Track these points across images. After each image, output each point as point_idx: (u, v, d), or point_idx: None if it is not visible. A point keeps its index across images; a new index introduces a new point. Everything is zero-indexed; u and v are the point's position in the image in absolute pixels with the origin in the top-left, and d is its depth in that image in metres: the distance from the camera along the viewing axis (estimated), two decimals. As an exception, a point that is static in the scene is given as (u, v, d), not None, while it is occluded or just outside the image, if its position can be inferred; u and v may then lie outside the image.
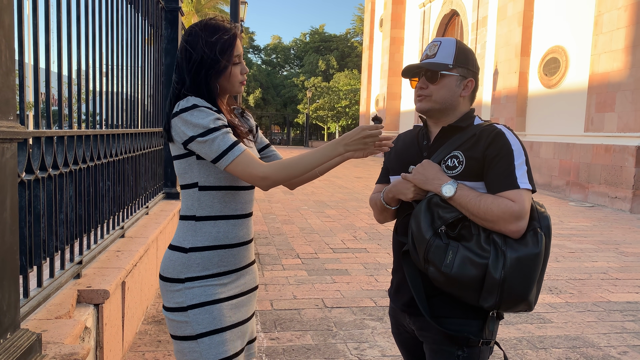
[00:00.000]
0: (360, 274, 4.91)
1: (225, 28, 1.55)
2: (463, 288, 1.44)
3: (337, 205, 9.38)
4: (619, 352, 3.28)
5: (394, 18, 25.89)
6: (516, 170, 1.46)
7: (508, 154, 1.47)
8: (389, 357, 3.10)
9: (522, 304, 1.43)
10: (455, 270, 1.42)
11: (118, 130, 3.31)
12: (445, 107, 1.59)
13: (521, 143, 1.52)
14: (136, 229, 3.75)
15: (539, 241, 1.41)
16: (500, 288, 1.39)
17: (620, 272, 5.29)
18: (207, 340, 1.54)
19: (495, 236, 1.44)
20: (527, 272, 1.40)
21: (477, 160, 1.51)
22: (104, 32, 3.04)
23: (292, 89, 49.95)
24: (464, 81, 1.59)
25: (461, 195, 1.47)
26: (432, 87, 1.58)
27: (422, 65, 1.60)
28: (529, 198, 1.46)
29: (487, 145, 1.50)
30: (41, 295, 2.10)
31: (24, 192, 1.92)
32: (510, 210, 1.42)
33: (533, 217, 1.46)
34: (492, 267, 1.39)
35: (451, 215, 1.49)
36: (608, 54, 10.39)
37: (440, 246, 1.46)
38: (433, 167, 1.55)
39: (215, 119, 1.48)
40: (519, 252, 1.40)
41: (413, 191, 1.57)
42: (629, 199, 9.68)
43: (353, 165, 19.17)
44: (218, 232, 1.57)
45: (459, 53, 1.58)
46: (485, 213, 1.44)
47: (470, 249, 1.44)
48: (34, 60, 2.06)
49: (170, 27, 5.03)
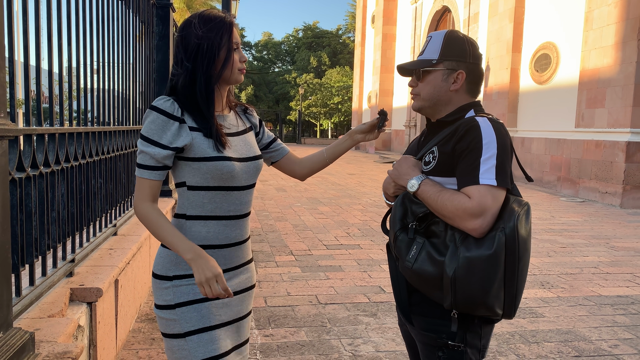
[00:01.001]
0: (353, 270, 4.92)
1: (220, 16, 1.54)
2: (426, 285, 1.41)
3: (330, 202, 9.38)
4: (610, 345, 3.32)
5: (386, 14, 25.90)
6: (481, 165, 1.38)
7: (476, 148, 1.39)
8: (383, 353, 3.11)
9: (480, 307, 1.35)
10: (416, 266, 1.40)
11: (110, 127, 3.29)
12: (435, 103, 1.55)
13: (498, 135, 1.42)
14: (129, 227, 3.73)
15: (494, 242, 1.31)
16: (454, 287, 1.33)
17: (610, 266, 5.34)
18: (196, 339, 1.53)
19: (457, 234, 1.39)
20: (481, 274, 1.31)
21: (448, 155, 1.46)
22: (95, 29, 3.01)
23: (284, 85, 49.87)
24: (452, 74, 1.52)
25: (424, 191, 1.45)
26: (420, 85, 1.56)
27: (405, 66, 1.58)
28: (494, 194, 1.36)
29: (458, 139, 1.44)
30: (33, 293, 2.08)
31: (15, 190, 1.91)
32: (463, 206, 1.35)
33: (501, 216, 1.36)
34: (447, 265, 1.35)
35: (421, 210, 1.46)
36: (598, 50, 10.46)
37: (405, 240, 1.44)
38: (408, 162, 1.55)
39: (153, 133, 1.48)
40: (471, 252, 1.33)
41: (393, 186, 1.59)
42: (619, 194, 9.77)
43: (345, 162, 19.18)
44: (208, 232, 1.55)
45: (447, 45, 1.52)
46: (442, 209, 1.40)
47: (434, 245, 1.41)
48: (24, 57, 2.05)
49: (162, 23, 5.00)
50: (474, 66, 1.54)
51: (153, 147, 1.47)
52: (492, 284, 1.32)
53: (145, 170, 1.49)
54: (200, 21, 1.52)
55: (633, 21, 9.55)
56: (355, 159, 21.26)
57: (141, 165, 1.49)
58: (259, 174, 1.69)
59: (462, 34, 1.56)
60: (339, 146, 1.84)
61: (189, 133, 1.50)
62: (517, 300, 1.38)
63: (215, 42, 1.51)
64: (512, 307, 1.37)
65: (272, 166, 1.88)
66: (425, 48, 1.56)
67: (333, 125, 47.09)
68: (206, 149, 1.50)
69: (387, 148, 26.47)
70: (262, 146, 1.80)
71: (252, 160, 1.62)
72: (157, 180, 1.51)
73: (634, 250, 6.11)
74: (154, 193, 1.51)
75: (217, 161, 1.51)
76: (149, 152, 1.47)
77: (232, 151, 1.56)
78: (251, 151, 1.64)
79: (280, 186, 11.49)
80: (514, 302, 1.37)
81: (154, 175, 1.50)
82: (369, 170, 16.67)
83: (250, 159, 1.62)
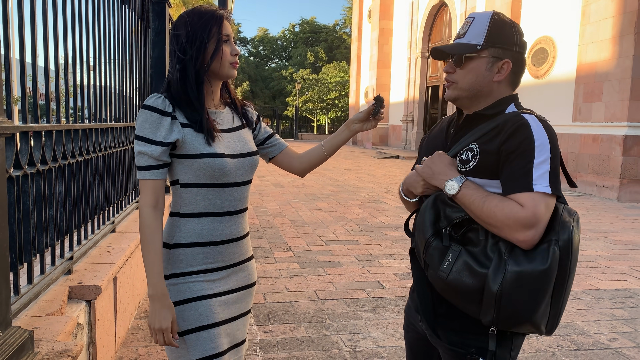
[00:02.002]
0: (352, 266, 4.92)
1: (211, 10, 1.54)
2: (461, 298, 1.27)
3: (328, 198, 9.38)
4: (608, 338, 3.33)
5: (383, 9, 25.83)
6: (534, 169, 1.24)
7: (528, 150, 1.25)
8: (382, 348, 3.12)
9: (525, 324, 1.24)
10: (452, 277, 1.26)
11: (107, 124, 3.28)
12: (475, 94, 1.39)
13: (550, 137, 1.28)
14: (127, 224, 3.72)
15: (549, 256, 1.19)
16: (498, 303, 1.21)
17: (608, 260, 5.36)
18: (194, 337, 1.52)
19: (502, 244, 1.25)
20: (530, 291, 1.19)
21: (492, 155, 1.30)
22: (91, 25, 2.99)
23: (280, 81, 49.76)
24: (497, 63, 1.36)
25: (465, 194, 1.30)
26: (459, 72, 1.39)
27: (443, 49, 1.40)
28: (547, 203, 1.23)
29: (505, 138, 1.28)
30: (32, 292, 2.07)
31: (12, 188, 1.89)
32: (516, 216, 1.22)
33: (552, 226, 1.23)
34: (491, 279, 1.21)
35: (458, 215, 1.31)
36: (595, 44, 10.46)
37: (439, 248, 1.30)
38: (442, 160, 1.38)
39: (149, 131, 1.47)
40: (522, 267, 1.20)
41: (422, 185, 1.43)
42: (616, 187, 9.79)
43: (343, 158, 19.18)
44: (202, 229, 1.54)
45: (493, 30, 1.35)
46: (488, 217, 1.25)
47: (473, 255, 1.27)
48: (20, 54, 2.03)
49: (158, 19, 4.96)
50: (519, 55, 1.39)
51: (149, 146, 1.46)
52: (542, 300, 1.21)
53: (147, 172, 1.48)
54: (192, 15, 1.53)
55: (630, 15, 9.54)
56: (353, 155, 21.25)
57: (141, 167, 1.48)
58: (256, 170, 1.67)
59: (509, 19, 1.40)
60: (337, 138, 1.79)
61: (181, 129, 1.50)
62: (560, 316, 1.28)
63: (204, 33, 1.50)
64: (555, 323, 1.28)
65: (271, 162, 1.85)
66: (467, 30, 1.38)
67: (330, 121, 47.03)
68: (197, 146, 1.50)
69: (384, 143, 26.46)
70: (258, 142, 1.77)
71: (246, 156, 1.61)
72: (160, 180, 1.50)
73: (631, 244, 6.13)
74: (157, 195, 1.50)
75: (208, 158, 1.50)
76: (146, 151, 1.47)
77: (225, 147, 1.55)
78: (246, 147, 1.63)
79: (277, 182, 11.48)
80: (558, 318, 1.27)
81: (155, 174, 1.49)
82: (367, 165, 16.67)
83: (244, 155, 1.60)
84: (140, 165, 1.48)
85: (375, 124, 1.76)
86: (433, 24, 21.14)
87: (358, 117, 1.77)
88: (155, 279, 1.46)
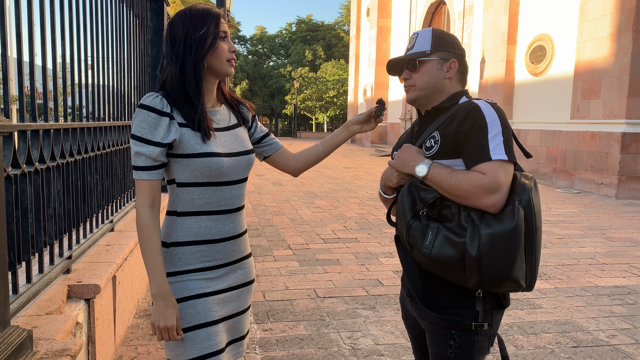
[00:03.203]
0: (351, 264, 4.92)
1: (208, 8, 1.53)
2: (447, 269, 1.42)
3: (327, 196, 9.38)
4: (607, 335, 3.34)
5: (381, 7, 25.83)
6: (490, 142, 1.41)
7: (481, 127, 1.43)
8: (382, 346, 3.12)
9: (506, 281, 1.37)
10: (435, 251, 1.41)
11: (105, 122, 3.27)
12: (431, 92, 1.59)
13: (499, 114, 1.46)
14: (126, 223, 3.71)
15: (515, 215, 1.34)
16: (479, 266, 1.35)
17: (607, 257, 5.37)
18: (192, 335, 1.52)
19: (473, 213, 1.40)
20: (505, 248, 1.34)
21: (451, 137, 1.48)
22: (89, 24, 2.98)
23: (279, 79, 49.72)
24: (445, 63, 1.58)
25: (434, 174, 1.46)
26: (415, 76, 1.60)
27: (399, 60, 1.63)
28: (505, 169, 1.39)
29: (461, 120, 1.47)
30: (31, 291, 2.07)
31: (10, 186, 1.89)
32: (480, 183, 1.37)
33: (514, 190, 1.39)
34: (469, 246, 1.36)
35: (430, 195, 1.47)
36: (593, 41, 10.47)
37: (419, 227, 1.45)
38: (410, 150, 1.56)
39: (146, 132, 1.46)
40: (493, 228, 1.35)
41: (397, 176, 1.59)
42: (614, 185, 9.81)
43: (341, 156, 19.17)
44: (199, 228, 1.54)
45: (436, 38, 1.59)
46: (456, 189, 1.41)
47: (450, 228, 1.41)
48: (18, 53, 2.02)
49: (156, 17, 4.96)
50: (461, 57, 1.62)
51: (147, 146, 1.45)
52: (516, 256, 1.35)
53: (144, 172, 1.47)
54: (189, 12, 1.52)
55: (628, 12, 9.55)
56: (351, 153, 21.25)
57: (138, 167, 1.47)
58: (252, 168, 1.67)
59: (445, 31, 1.66)
60: (335, 138, 1.81)
61: (178, 129, 1.49)
62: (536, 271, 1.42)
63: (202, 29, 1.49)
64: (533, 277, 1.41)
65: (265, 161, 1.85)
66: (415, 44, 1.62)
67: (329, 119, 47.03)
68: (194, 145, 1.49)
69: (382, 141, 26.47)
70: (254, 140, 1.77)
71: (242, 154, 1.60)
72: (157, 180, 1.50)
73: (630, 241, 6.14)
74: (154, 195, 1.49)
75: (205, 157, 1.49)
76: (144, 152, 1.45)
77: (221, 146, 1.55)
78: (242, 146, 1.62)
79: (276, 180, 11.47)
80: (534, 272, 1.41)
81: (152, 175, 1.48)
82: (365, 163, 16.67)
83: (240, 154, 1.60)
84: (137, 165, 1.47)
85: (375, 126, 1.81)
86: (431, 21, 21.12)
87: (358, 119, 1.80)
88: (158, 278, 1.46)
